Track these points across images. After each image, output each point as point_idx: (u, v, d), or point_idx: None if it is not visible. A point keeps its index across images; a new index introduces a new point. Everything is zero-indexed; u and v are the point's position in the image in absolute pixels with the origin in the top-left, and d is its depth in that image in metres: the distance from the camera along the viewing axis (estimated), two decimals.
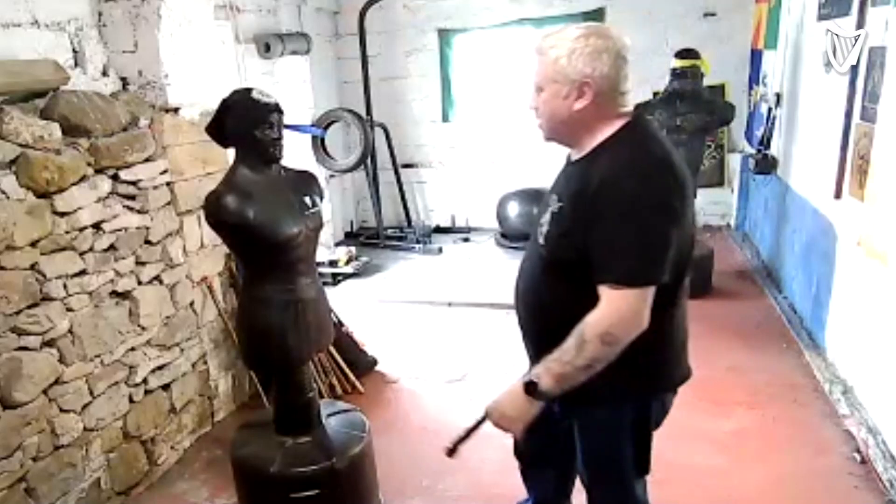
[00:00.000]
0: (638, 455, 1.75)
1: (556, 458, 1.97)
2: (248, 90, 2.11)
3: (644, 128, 1.57)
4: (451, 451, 1.74)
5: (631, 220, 1.43)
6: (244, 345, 2.33)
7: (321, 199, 2.28)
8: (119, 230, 2.63)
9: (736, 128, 5.66)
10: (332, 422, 2.42)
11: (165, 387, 2.93)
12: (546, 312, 1.66)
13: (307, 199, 2.19)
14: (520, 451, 2.07)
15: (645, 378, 1.63)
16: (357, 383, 3.53)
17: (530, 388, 1.53)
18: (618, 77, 1.49)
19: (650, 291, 1.46)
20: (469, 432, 1.72)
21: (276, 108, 2.10)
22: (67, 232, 2.39)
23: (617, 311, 1.45)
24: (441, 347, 4.00)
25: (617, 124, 1.54)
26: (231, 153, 2.21)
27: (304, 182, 2.26)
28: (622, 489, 1.80)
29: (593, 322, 1.46)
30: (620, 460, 1.74)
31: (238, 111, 2.08)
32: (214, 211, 2.04)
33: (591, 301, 1.48)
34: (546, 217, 1.62)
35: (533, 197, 5.48)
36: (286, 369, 2.27)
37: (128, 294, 2.70)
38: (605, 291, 1.46)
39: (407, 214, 6.42)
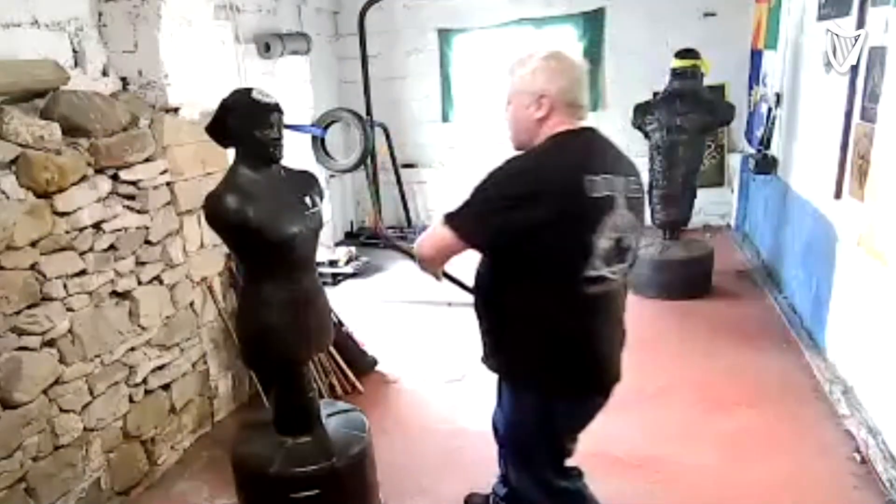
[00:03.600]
0: (547, 446, 1.89)
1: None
2: (249, 90, 2.11)
3: (565, 140, 1.72)
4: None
5: (479, 185, 1.71)
6: (244, 345, 2.32)
7: (321, 199, 2.27)
8: (119, 230, 2.63)
9: (736, 128, 5.66)
10: (332, 422, 2.41)
11: (165, 387, 2.93)
12: (487, 301, 1.89)
13: (307, 199, 2.18)
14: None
15: (544, 378, 1.79)
16: (357, 383, 3.53)
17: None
18: (570, 93, 1.72)
19: (448, 234, 1.74)
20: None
21: (277, 108, 2.10)
22: (67, 232, 2.38)
23: (432, 232, 1.80)
24: (441, 347, 4.00)
25: (558, 131, 1.73)
26: (231, 153, 2.21)
27: (305, 182, 2.25)
28: (532, 469, 1.93)
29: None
30: (529, 443, 1.89)
31: (238, 111, 2.07)
32: (214, 211, 2.03)
33: (512, 283, 1.74)
34: None
35: None
36: (286, 369, 2.27)
37: (128, 294, 2.70)
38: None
39: (407, 214, 6.42)
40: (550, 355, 1.75)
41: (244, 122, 2.06)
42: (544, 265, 1.67)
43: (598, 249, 1.65)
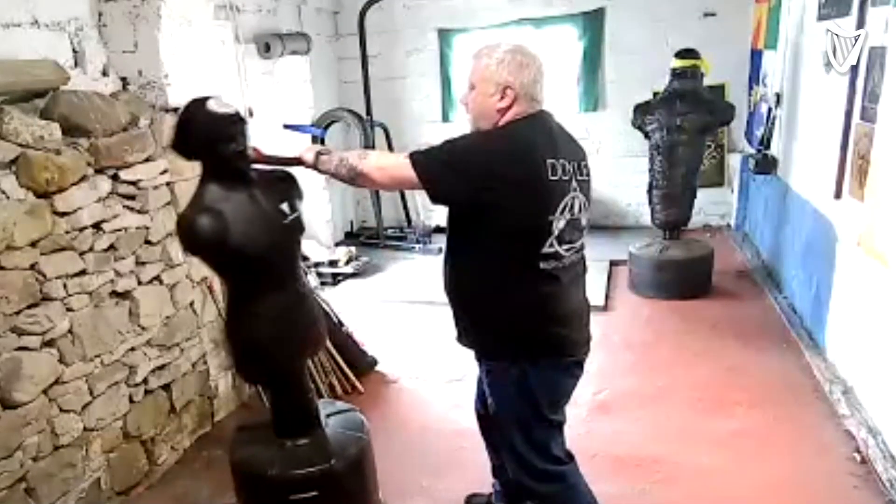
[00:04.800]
0: (528, 419, 1.96)
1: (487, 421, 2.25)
2: (204, 100, 1.90)
3: (526, 125, 1.82)
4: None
5: (447, 142, 1.83)
6: (235, 359, 2.23)
7: (301, 199, 2.12)
8: (119, 230, 2.63)
9: (736, 128, 5.65)
10: (331, 422, 2.40)
11: (165, 387, 2.93)
12: (459, 280, 1.99)
13: (285, 206, 2.03)
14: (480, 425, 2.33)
15: (514, 346, 1.90)
16: (357, 383, 3.53)
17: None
18: (533, 87, 1.82)
19: (411, 173, 1.80)
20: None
21: (238, 119, 1.90)
22: (67, 232, 2.39)
23: (394, 164, 1.88)
24: (441, 347, 3.99)
25: (518, 116, 1.83)
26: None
27: (280, 188, 2.08)
28: (523, 431, 1.98)
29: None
30: (516, 406, 1.96)
31: (196, 125, 1.90)
32: (188, 236, 1.90)
33: (477, 262, 1.86)
34: None
35: None
36: (281, 377, 2.23)
37: (128, 294, 2.70)
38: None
39: (407, 214, 6.42)
40: (517, 325, 1.88)
41: (204, 137, 1.89)
42: (506, 244, 1.80)
43: (555, 230, 1.78)
